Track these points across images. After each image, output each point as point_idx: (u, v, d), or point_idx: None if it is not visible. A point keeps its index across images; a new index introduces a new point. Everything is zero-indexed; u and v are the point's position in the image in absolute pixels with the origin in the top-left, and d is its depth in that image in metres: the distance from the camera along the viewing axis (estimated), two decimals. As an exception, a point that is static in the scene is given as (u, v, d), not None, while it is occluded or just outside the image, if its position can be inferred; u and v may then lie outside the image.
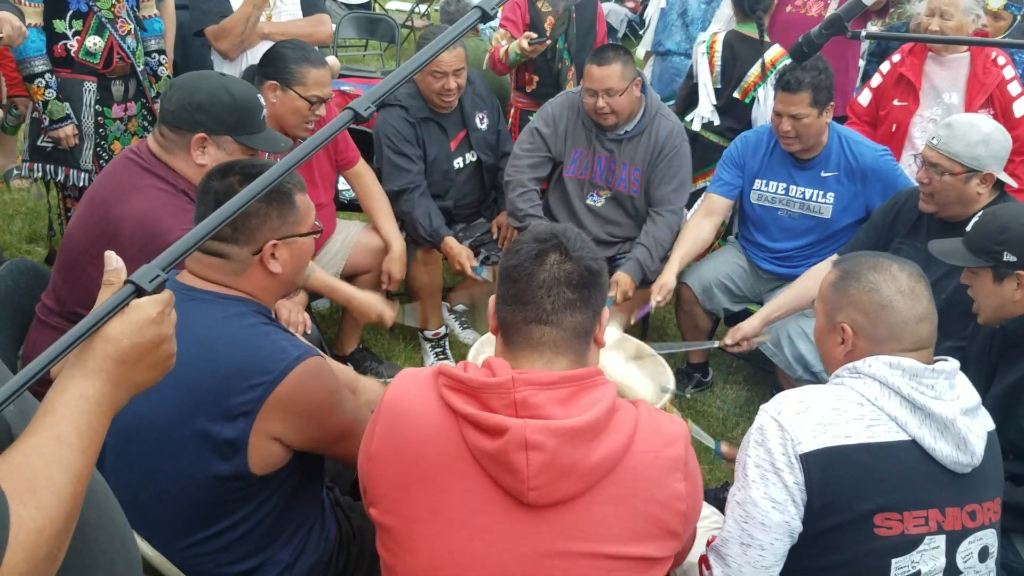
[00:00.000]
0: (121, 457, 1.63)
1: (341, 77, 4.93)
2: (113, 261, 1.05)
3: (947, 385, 1.56)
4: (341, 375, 1.98)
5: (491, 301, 1.45)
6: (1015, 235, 2.05)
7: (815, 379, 3.01)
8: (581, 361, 1.40)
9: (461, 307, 3.90)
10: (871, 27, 4.49)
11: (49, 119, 3.22)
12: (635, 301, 3.30)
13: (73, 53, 3.23)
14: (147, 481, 1.62)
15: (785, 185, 3.28)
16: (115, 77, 3.34)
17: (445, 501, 1.33)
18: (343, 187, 3.67)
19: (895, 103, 3.68)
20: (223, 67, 3.39)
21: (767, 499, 1.51)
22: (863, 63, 6.53)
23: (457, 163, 3.58)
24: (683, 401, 3.49)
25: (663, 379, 2.31)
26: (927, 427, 1.53)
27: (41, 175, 3.40)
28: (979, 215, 2.21)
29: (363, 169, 3.33)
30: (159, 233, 2.04)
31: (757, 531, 1.52)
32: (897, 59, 3.73)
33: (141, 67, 3.41)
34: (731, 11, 3.93)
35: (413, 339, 3.80)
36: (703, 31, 4.17)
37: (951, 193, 2.62)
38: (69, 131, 3.27)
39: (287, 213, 1.69)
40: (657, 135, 3.40)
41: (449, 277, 3.91)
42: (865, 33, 1.92)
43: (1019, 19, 4.93)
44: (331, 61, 4.84)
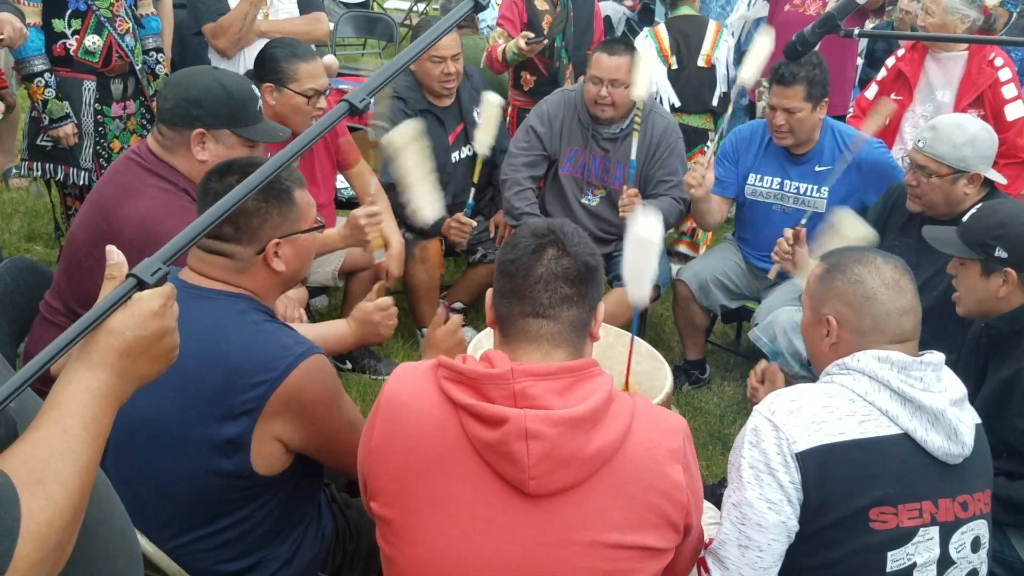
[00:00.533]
0: (123, 453, 1.63)
1: (339, 76, 4.93)
2: (115, 255, 1.06)
3: (935, 377, 1.57)
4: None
5: (488, 295, 1.46)
6: (1011, 233, 2.06)
7: (812, 374, 3.01)
8: (578, 354, 1.40)
9: (459, 305, 3.90)
10: (869, 25, 4.51)
11: (49, 118, 3.22)
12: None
13: (72, 52, 3.23)
14: (148, 478, 1.63)
15: (779, 180, 3.29)
16: (114, 76, 3.34)
17: (445, 492, 1.33)
18: (342, 185, 3.67)
19: (892, 97, 3.69)
20: (220, 65, 3.39)
21: (763, 500, 1.52)
22: (861, 60, 6.53)
23: (454, 156, 3.59)
24: (680, 397, 3.50)
25: (660, 377, 2.31)
26: (918, 419, 1.53)
27: (40, 174, 3.40)
28: (978, 207, 2.21)
29: (363, 168, 3.34)
30: (161, 235, 2.03)
31: (754, 532, 1.52)
32: (901, 54, 3.75)
33: (139, 65, 3.41)
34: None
35: (411, 337, 3.81)
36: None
37: (938, 194, 2.64)
38: (69, 130, 3.27)
39: (287, 211, 1.69)
40: (652, 132, 3.41)
41: (447, 275, 3.92)
42: (858, 31, 1.92)
43: (1015, 16, 4.93)
44: (329, 60, 4.86)
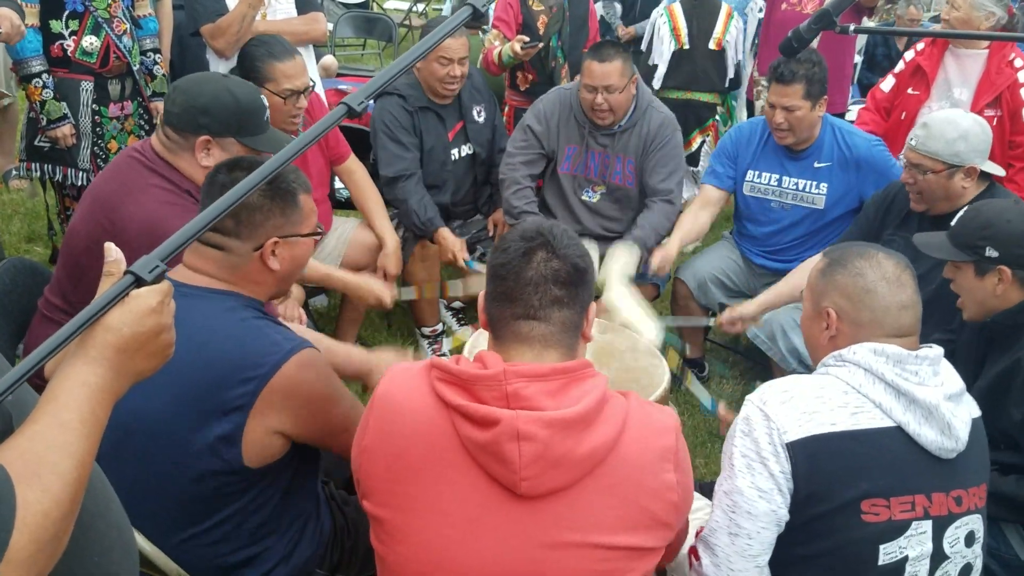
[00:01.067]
0: (116, 451, 1.62)
1: (339, 76, 4.94)
2: (112, 252, 1.07)
3: (931, 371, 1.57)
4: (338, 351, 1.99)
5: (480, 297, 1.46)
6: (998, 231, 2.07)
7: (810, 372, 3.02)
8: (570, 355, 1.40)
9: (458, 304, 3.91)
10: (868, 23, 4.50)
11: (47, 119, 3.23)
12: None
13: (70, 53, 3.24)
14: (142, 475, 1.63)
15: (778, 176, 3.29)
16: (111, 76, 3.35)
17: (438, 493, 1.33)
18: (339, 185, 3.68)
19: (909, 91, 3.68)
20: (219, 66, 3.39)
21: (753, 488, 1.52)
22: (860, 58, 6.52)
23: (454, 154, 3.59)
24: (679, 395, 3.50)
25: (658, 374, 2.31)
26: (912, 413, 1.54)
27: (39, 174, 3.41)
28: (964, 210, 2.23)
29: (355, 165, 3.34)
30: (162, 234, 2.02)
31: (744, 520, 1.53)
32: (921, 47, 3.71)
33: (137, 66, 3.42)
34: None
35: (410, 336, 3.81)
36: None
37: (937, 190, 2.64)
38: (67, 131, 3.28)
39: (290, 212, 1.70)
40: (649, 126, 3.41)
41: (446, 274, 3.92)
42: (853, 27, 1.93)
43: (1019, 14, 4.93)
44: (328, 60, 4.88)
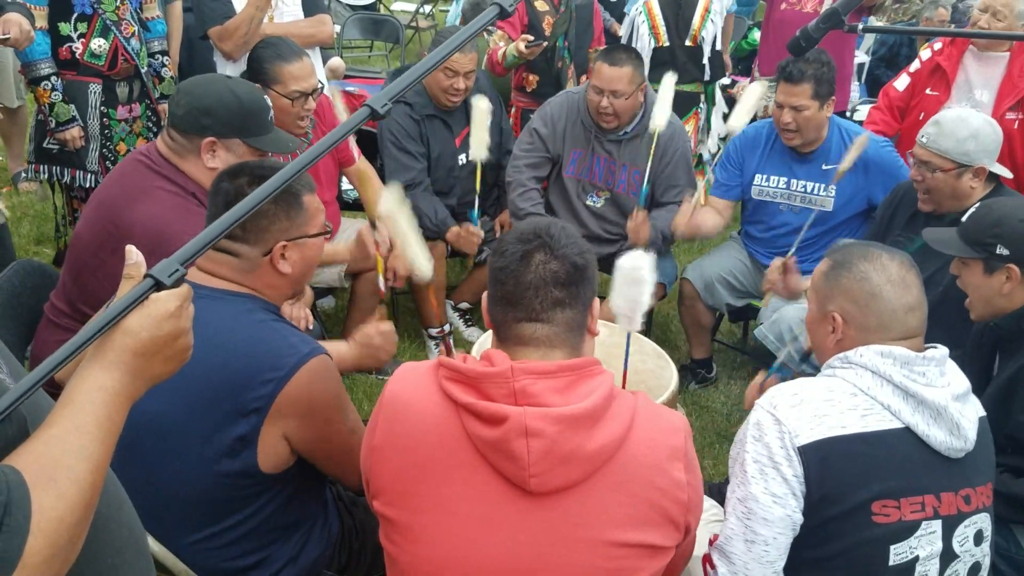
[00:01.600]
0: (129, 453, 1.63)
1: (346, 78, 4.95)
2: (133, 255, 1.07)
3: (938, 372, 1.57)
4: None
5: (483, 299, 1.47)
6: (1010, 229, 2.05)
7: (817, 371, 3.00)
8: (577, 352, 1.40)
9: (465, 305, 3.91)
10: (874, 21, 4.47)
11: (55, 121, 3.24)
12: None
13: (78, 55, 3.25)
14: (155, 477, 1.64)
15: (786, 179, 3.28)
16: (119, 79, 3.36)
17: (447, 491, 1.34)
18: (347, 186, 3.69)
19: (927, 92, 3.63)
20: (226, 68, 3.40)
21: (767, 494, 1.52)
22: (868, 58, 6.49)
23: (461, 159, 3.59)
24: (687, 396, 3.50)
25: (666, 376, 2.30)
26: (920, 414, 1.53)
27: (47, 177, 3.42)
28: (976, 206, 2.21)
29: (364, 167, 3.34)
30: (168, 237, 2.04)
31: (760, 527, 1.52)
32: (939, 47, 3.66)
33: (145, 68, 3.43)
34: None
35: (418, 336, 3.81)
36: None
37: (945, 189, 2.63)
38: (75, 133, 3.29)
39: (295, 214, 1.71)
40: (659, 136, 3.39)
41: (453, 275, 3.93)
42: (862, 27, 1.93)
43: None
44: (335, 62, 4.89)
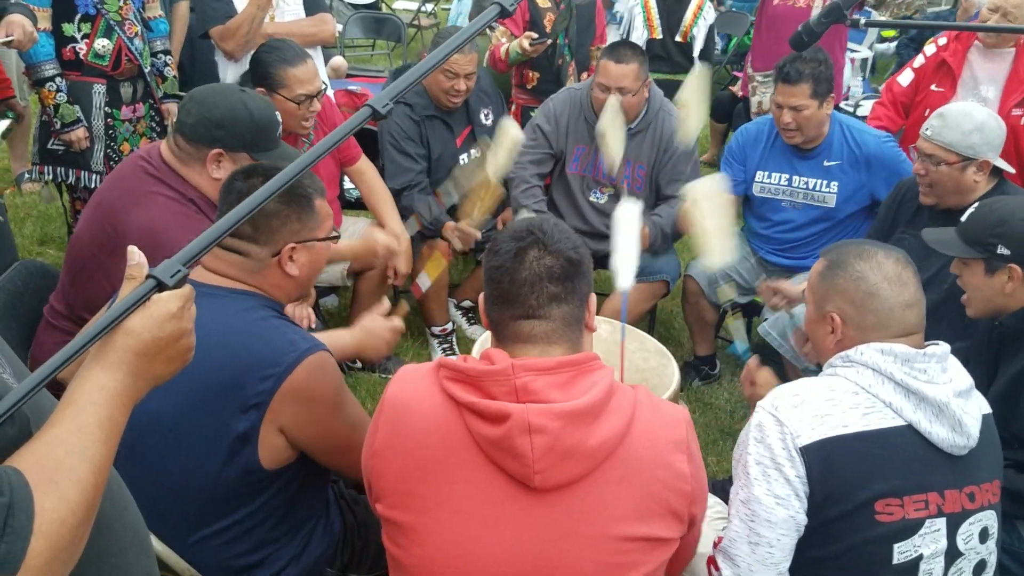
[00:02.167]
0: (131, 452, 1.63)
1: (348, 77, 4.95)
2: (136, 256, 1.07)
3: (939, 369, 1.56)
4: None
5: (480, 299, 1.47)
6: (1012, 229, 2.03)
7: (820, 369, 3.00)
8: (575, 347, 1.41)
9: (468, 303, 3.91)
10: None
11: (60, 122, 3.24)
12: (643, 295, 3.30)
13: (82, 56, 3.25)
14: (158, 476, 1.64)
15: (788, 176, 3.27)
16: (123, 79, 3.37)
17: (451, 491, 1.34)
18: (349, 186, 3.69)
19: (932, 88, 3.60)
20: (228, 68, 3.41)
21: (770, 496, 1.51)
22: (871, 53, 6.47)
23: (463, 159, 3.59)
24: (690, 393, 3.50)
25: (667, 373, 2.30)
26: (922, 411, 1.53)
27: (52, 178, 3.43)
28: (975, 206, 2.20)
29: (366, 166, 3.34)
30: (165, 244, 2.04)
31: (764, 529, 1.52)
32: (943, 43, 3.62)
33: (148, 68, 3.44)
34: None
35: (420, 335, 3.82)
36: None
37: (948, 183, 2.61)
38: (80, 134, 3.30)
39: (306, 217, 1.72)
40: (662, 132, 3.39)
41: (455, 273, 3.93)
42: (864, 21, 1.93)
43: None
44: (338, 61, 4.89)
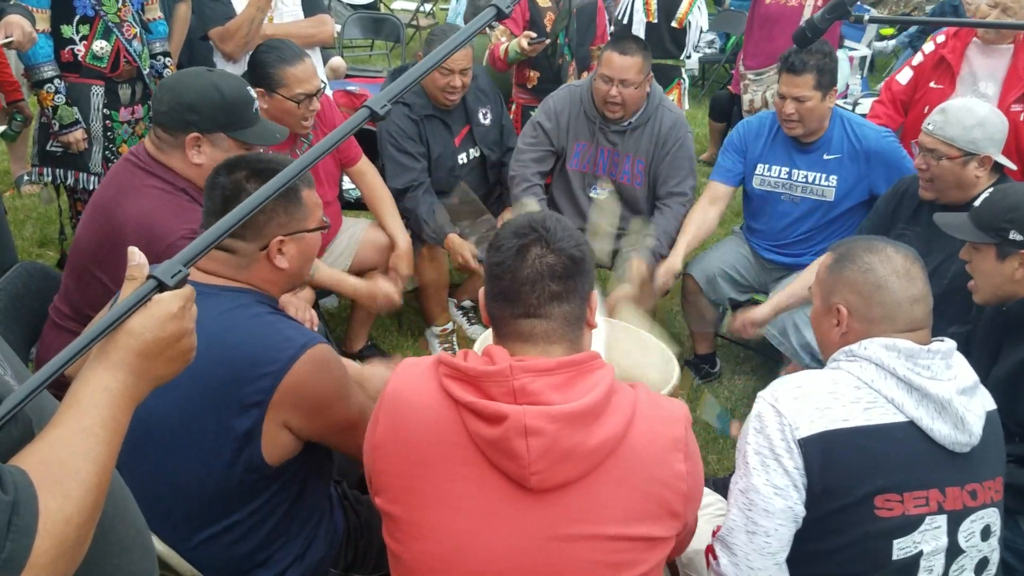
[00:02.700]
0: (136, 453, 1.63)
1: (347, 77, 4.95)
2: (136, 256, 1.07)
3: (943, 365, 1.56)
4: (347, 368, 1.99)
5: (480, 295, 1.46)
6: None
7: (822, 367, 3.00)
8: (576, 346, 1.40)
9: (468, 303, 3.91)
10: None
11: (59, 124, 3.25)
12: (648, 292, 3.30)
13: (80, 58, 3.25)
14: (160, 476, 1.64)
15: (787, 169, 3.27)
16: (122, 80, 3.36)
17: (449, 489, 1.34)
18: (349, 186, 3.69)
19: (931, 85, 3.59)
20: (226, 69, 3.41)
21: (769, 485, 1.52)
22: (869, 52, 6.47)
23: (461, 159, 3.59)
24: (690, 392, 3.49)
25: (668, 371, 2.30)
26: (924, 407, 1.53)
27: (51, 179, 3.43)
28: (990, 192, 2.19)
29: (366, 167, 3.34)
30: (160, 234, 2.06)
31: (761, 518, 1.52)
32: (941, 40, 3.61)
33: (147, 70, 3.44)
34: None
35: (421, 335, 3.82)
36: None
37: (949, 178, 2.61)
38: (79, 135, 3.29)
39: (294, 209, 1.71)
40: (660, 127, 3.40)
41: (456, 273, 3.93)
42: (868, 17, 1.92)
43: None
44: (336, 62, 4.89)
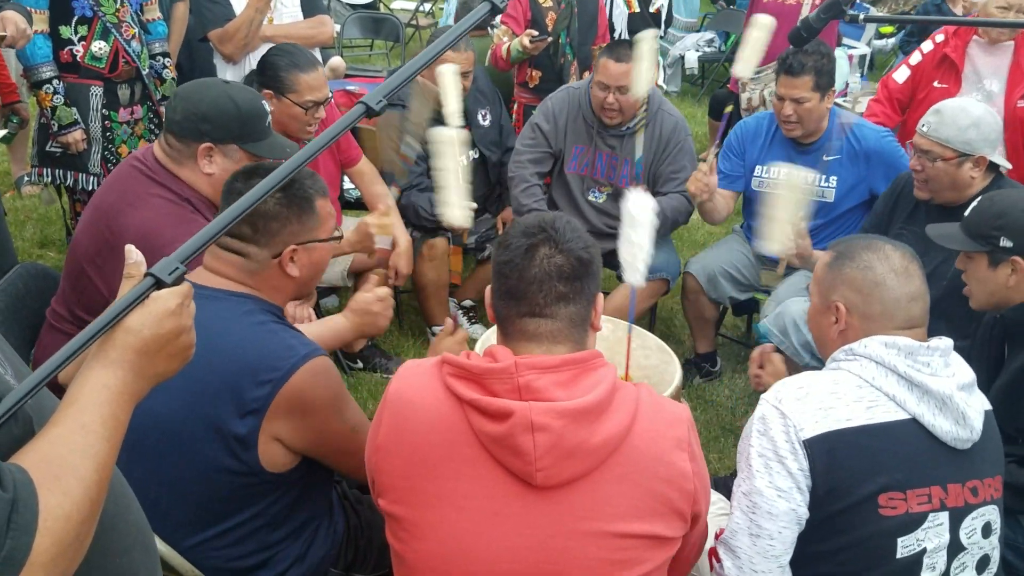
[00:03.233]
0: (133, 453, 1.62)
1: (347, 77, 4.95)
2: (133, 254, 1.07)
3: (942, 362, 1.57)
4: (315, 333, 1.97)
5: (487, 293, 1.47)
6: (1013, 220, 2.04)
7: (822, 366, 3.00)
8: (580, 346, 1.41)
9: (468, 303, 3.91)
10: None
11: (58, 125, 3.25)
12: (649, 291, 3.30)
13: (79, 58, 3.25)
14: (159, 477, 1.64)
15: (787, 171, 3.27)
16: (121, 81, 3.36)
17: (453, 488, 1.34)
18: (349, 186, 3.69)
19: (935, 84, 3.57)
20: (226, 70, 3.41)
21: (772, 488, 1.52)
22: (868, 50, 6.47)
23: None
24: (691, 391, 3.50)
25: (669, 371, 2.30)
26: (926, 404, 1.53)
27: (50, 180, 3.43)
28: (978, 200, 2.20)
29: (366, 167, 3.34)
30: (161, 245, 2.04)
31: (765, 521, 1.52)
32: (941, 39, 3.58)
33: (146, 70, 3.44)
34: None
35: (422, 335, 3.82)
36: None
37: (944, 179, 2.60)
38: (77, 136, 3.30)
39: (307, 218, 1.71)
40: (660, 130, 3.39)
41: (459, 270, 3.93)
42: (863, 16, 1.93)
43: None
44: (336, 62, 4.89)
